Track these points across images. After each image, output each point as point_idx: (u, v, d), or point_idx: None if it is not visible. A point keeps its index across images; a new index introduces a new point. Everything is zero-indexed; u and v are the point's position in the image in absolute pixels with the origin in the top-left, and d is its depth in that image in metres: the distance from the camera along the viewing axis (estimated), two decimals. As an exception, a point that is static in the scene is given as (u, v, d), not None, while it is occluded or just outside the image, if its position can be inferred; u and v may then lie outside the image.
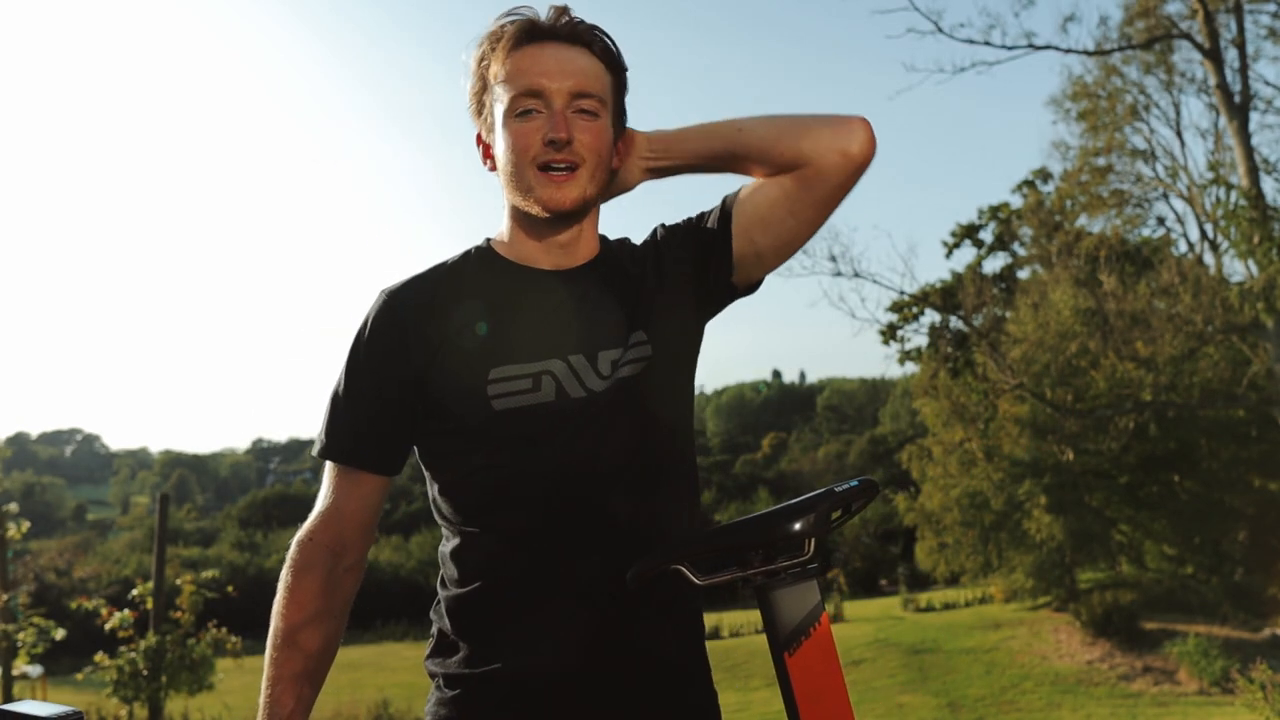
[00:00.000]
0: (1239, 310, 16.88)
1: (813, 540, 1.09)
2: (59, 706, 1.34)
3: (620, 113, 1.43)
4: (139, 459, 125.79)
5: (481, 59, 1.39)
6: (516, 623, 1.32)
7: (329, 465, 1.39)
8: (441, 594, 1.41)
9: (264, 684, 1.34)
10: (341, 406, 1.38)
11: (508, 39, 1.36)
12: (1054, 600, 22.25)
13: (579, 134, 1.33)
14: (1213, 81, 18.31)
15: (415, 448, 1.42)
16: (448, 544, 1.40)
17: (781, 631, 1.08)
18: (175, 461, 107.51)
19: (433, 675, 1.39)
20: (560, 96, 1.33)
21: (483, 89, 1.40)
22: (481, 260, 1.44)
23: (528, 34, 1.35)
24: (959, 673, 17.37)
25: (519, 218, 1.42)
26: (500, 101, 1.36)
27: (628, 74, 1.43)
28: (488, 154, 1.43)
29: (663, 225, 1.54)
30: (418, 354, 1.34)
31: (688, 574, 1.11)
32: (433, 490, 1.41)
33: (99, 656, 8.42)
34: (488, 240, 1.48)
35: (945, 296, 27.79)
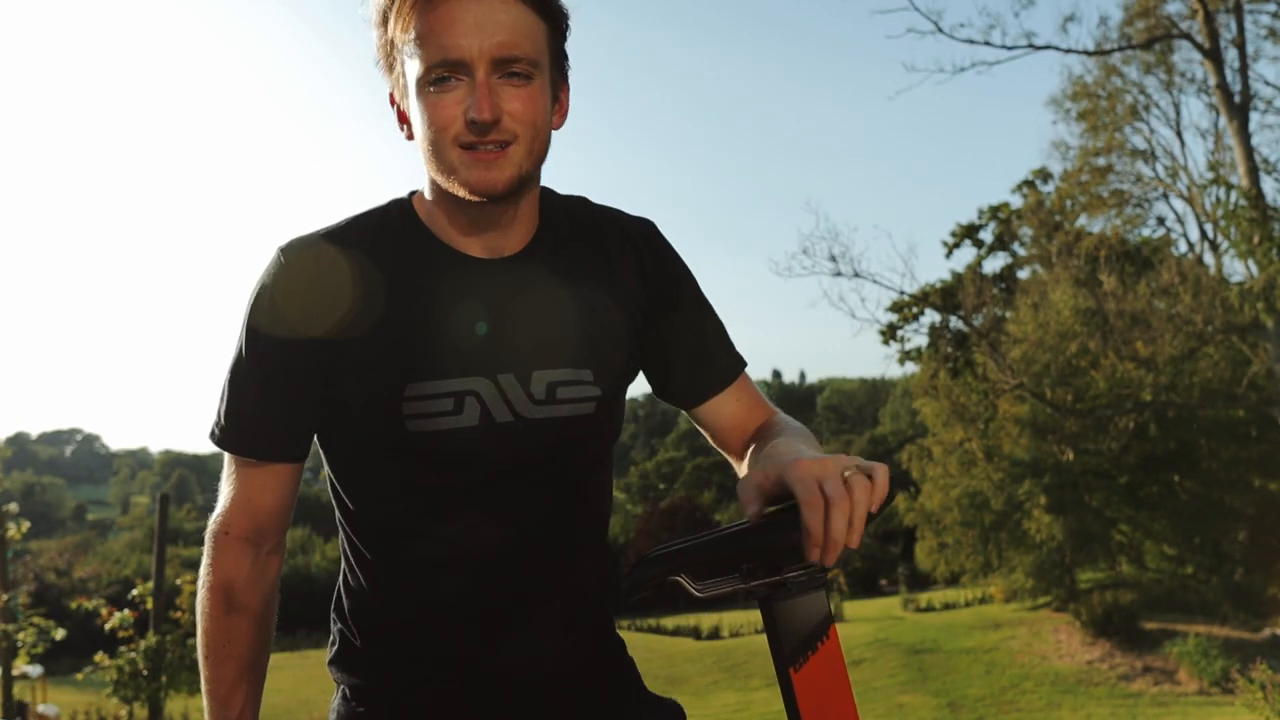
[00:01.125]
0: (1239, 310, 16.89)
1: None
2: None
3: (559, 64, 1.20)
4: (139, 459, 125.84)
5: (384, 11, 1.14)
6: (421, 645, 1.24)
7: (227, 452, 1.25)
8: (344, 596, 1.30)
9: (205, 686, 1.25)
10: (240, 390, 1.20)
11: None
12: (1054, 600, 22.26)
13: (508, 103, 1.11)
14: (1213, 81, 18.32)
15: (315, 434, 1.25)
16: (349, 541, 1.27)
17: (786, 645, 0.99)
18: (175, 461, 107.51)
19: (338, 682, 1.31)
20: (483, 63, 1.10)
21: (391, 46, 1.15)
22: (404, 228, 1.23)
23: None
24: (959, 673, 17.37)
25: (443, 197, 1.20)
26: (411, 66, 1.12)
27: (568, 19, 1.19)
28: (403, 119, 1.20)
29: (662, 242, 1.35)
30: (324, 343, 1.17)
31: (686, 585, 1.03)
32: (330, 472, 1.27)
33: (99, 656, 8.41)
34: (411, 197, 1.27)
35: (945, 296, 27.81)
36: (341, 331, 1.17)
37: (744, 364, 1.40)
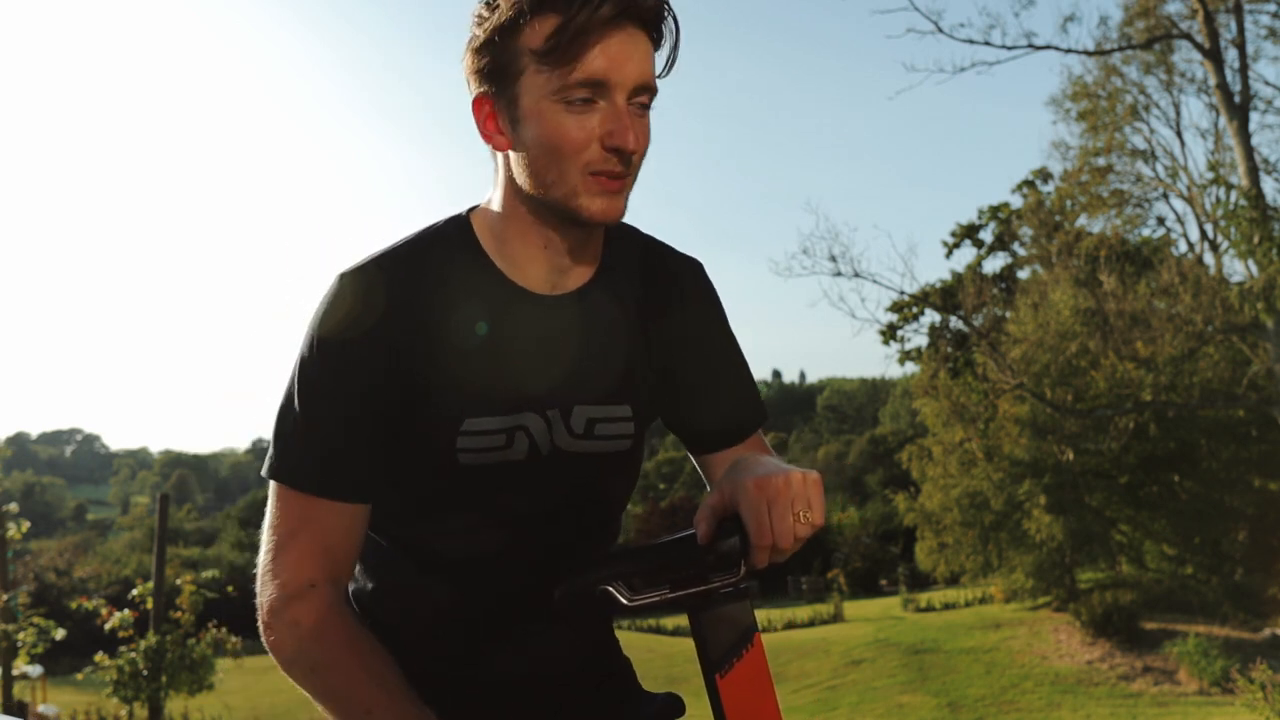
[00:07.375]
0: (1239, 310, 16.88)
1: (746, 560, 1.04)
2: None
3: None
4: (139, 459, 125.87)
5: (515, 14, 1.08)
6: (436, 647, 1.26)
7: (294, 494, 1.14)
8: (358, 599, 1.29)
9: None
10: (306, 423, 1.14)
11: (585, 5, 1.06)
12: (1054, 600, 22.24)
13: (637, 135, 1.11)
14: (1213, 81, 18.32)
15: None
16: (373, 545, 1.28)
17: (713, 653, 1.04)
18: (175, 461, 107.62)
19: None
20: (624, 89, 1.09)
21: (510, 46, 1.10)
22: (464, 256, 1.20)
23: (615, 9, 1.07)
24: (959, 673, 17.36)
25: (532, 214, 1.17)
26: (542, 79, 1.09)
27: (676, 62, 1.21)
28: (496, 127, 1.15)
29: (707, 285, 1.35)
30: (389, 373, 1.15)
31: (616, 594, 1.05)
32: None
33: (99, 656, 8.41)
34: (469, 217, 1.23)
35: (945, 296, 27.83)
36: (399, 362, 1.15)
37: (764, 418, 1.40)
